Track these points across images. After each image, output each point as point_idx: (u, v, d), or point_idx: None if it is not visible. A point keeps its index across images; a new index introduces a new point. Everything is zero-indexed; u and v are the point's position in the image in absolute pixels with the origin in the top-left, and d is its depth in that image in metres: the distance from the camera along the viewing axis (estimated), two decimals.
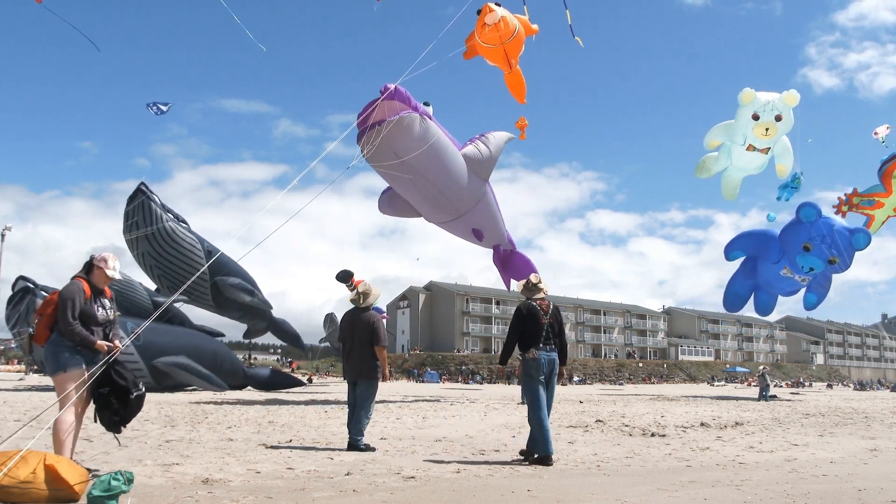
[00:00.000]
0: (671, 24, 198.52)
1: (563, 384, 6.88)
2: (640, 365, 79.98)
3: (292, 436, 8.54)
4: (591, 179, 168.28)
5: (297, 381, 28.10)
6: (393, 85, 12.04)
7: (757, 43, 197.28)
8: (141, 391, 5.07)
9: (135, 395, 4.99)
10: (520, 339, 6.56)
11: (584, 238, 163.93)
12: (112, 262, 5.17)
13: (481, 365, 66.65)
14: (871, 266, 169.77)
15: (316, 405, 15.38)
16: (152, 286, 23.61)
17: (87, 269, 5.18)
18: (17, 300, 20.75)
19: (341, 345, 7.66)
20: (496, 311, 79.76)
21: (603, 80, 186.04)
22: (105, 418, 5.01)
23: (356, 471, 5.60)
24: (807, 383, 73.82)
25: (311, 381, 38.57)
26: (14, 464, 3.88)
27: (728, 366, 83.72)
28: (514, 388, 39.07)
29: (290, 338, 30.01)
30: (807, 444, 8.61)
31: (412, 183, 14.24)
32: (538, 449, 6.33)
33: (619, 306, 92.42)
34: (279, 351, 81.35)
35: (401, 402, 17.67)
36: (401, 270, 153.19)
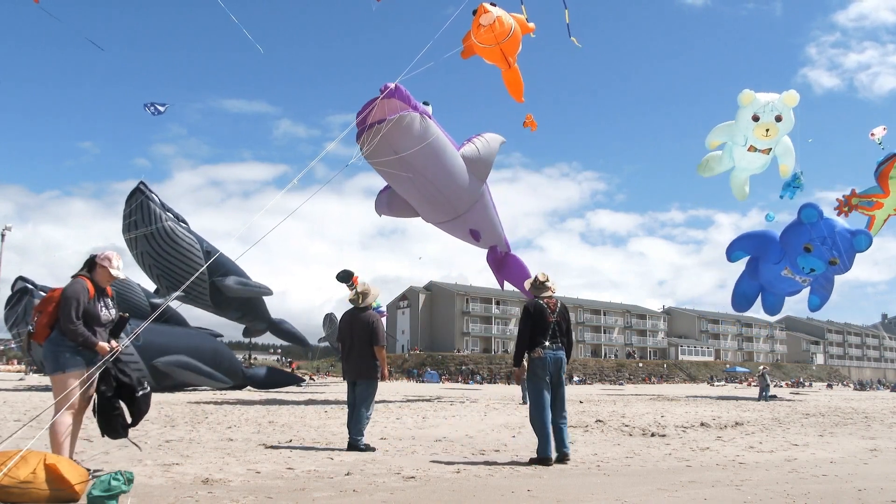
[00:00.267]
0: (671, 24, 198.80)
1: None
2: (640, 365, 79.97)
3: (292, 436, 8.54)
4: (592, 179, 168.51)
5: (294, 379, 28.05)
6: (393, 84, 12.03)
7: (757, 43, 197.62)
8: (146, 390, 4.98)
9: (140, 394, 4.89)
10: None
11: (585, 238, 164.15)
12: (116, 261, 5.07)
13: (481, 365, 66.64)
14: (871, 266, 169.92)
15: (316, 405, 15.38)
16: (151, 286, 23.64)
17: (90, 267, 5.05)
18: (16, 301, 20.78)
19: (340, 345, 7.66)
20: (496, 311, 79.83)
21: (603, 80, 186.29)
22: (112, 425, 4.83)
23: (356, 471, 5.60)
24: (807, 383, 73.78)
25: (312, 379, 38.64)
26: (14, 464, 3.88)
27: (728, 366, 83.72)
28: (514, 388, 39.06)
29: (290, 336, 29.95)
30: (807, 444, 8.61)
31: (411, 182, 14.24)
32: (539, 449, 6.29)
33: (619, 306, 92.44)
34: (279, 351, 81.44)
35: (401, 402, 17.67)
36: (401, 270, 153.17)
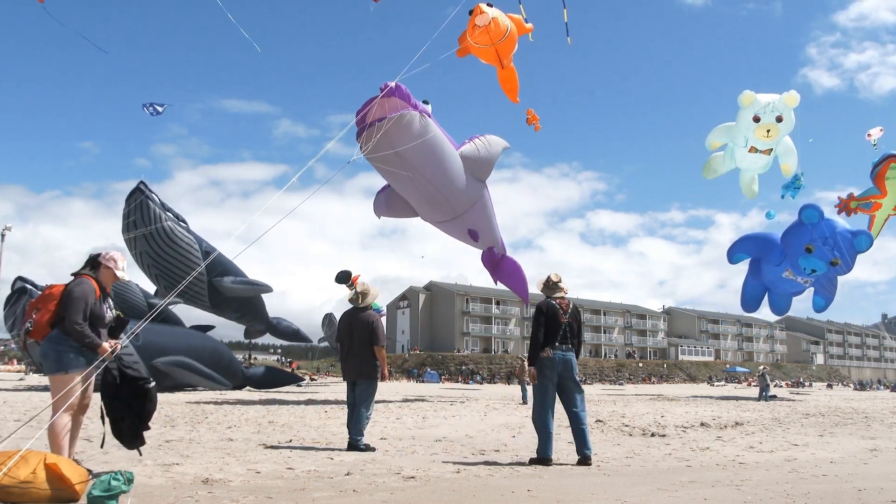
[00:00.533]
0: (671, 24, 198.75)
1: None
2: (640, 365, 79.97)
3: (292, 436, 8.54)
4: (592, 179, 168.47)
5: (293, 378, 27.94)
6: (393, 82, 12.02)
7: (757, 43, 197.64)
8: (152, 383, 4.93)
9: (151, 386, 4.83)
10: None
11: (585, 238, 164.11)
12: (121, 262, 5.01)
13: (481, 365, 66.64)
14: (871, 266, 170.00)
15: (316, 405, 15.38)
16: (149, 286, 23.65)
17: (93, 266, 4.96)
18: (14, 300, 20.79)
19: (339, 345, 7.65)
20: (496, 311, 79.81)
21: (603, 80, 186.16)
22: (127, 430, 4.76)
23: (356, 471, 5.59)
24: (807, 383, 73.74)
25: (313, 379, 38.62)
26: (14, 464, 3.88)
27: (728, 366, 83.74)
28: (514, 388, 39.07)
29: (290, 334, 29.83)
30: (807, 444, 8.61)
31: (410, 180, 14.21)
32: (539, 449, 6.27)
33: (619, 306, 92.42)
34: (279, 351, 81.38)
35: (401, 402, 17.68)
36: (401, 270, 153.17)
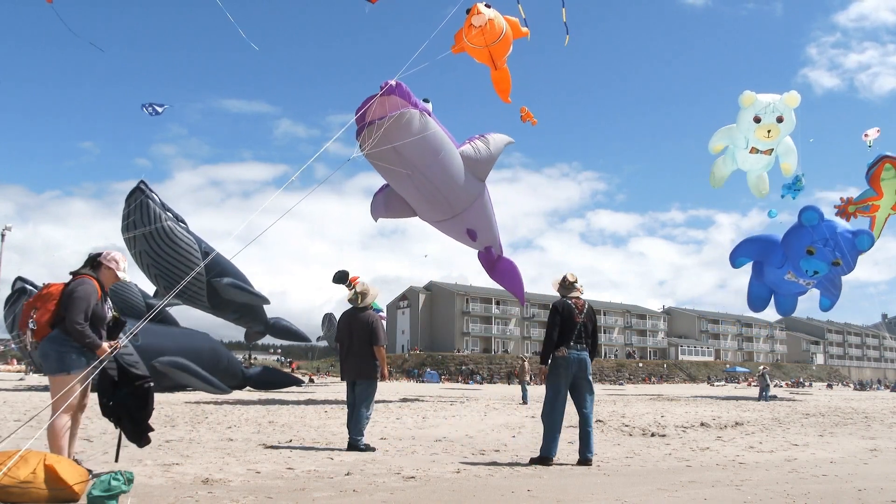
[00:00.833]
0: (671, 24, 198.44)
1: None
2: (640, 365, 79.98)
3: (292, 436, 8.54)
4: (592, 179, 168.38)
5: (291, 380, 27.05)
6: (393, 80, 11.99)
7: (757, 43, 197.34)
8: (152, 383, 4.97)
9: (150, 386, 4.88)
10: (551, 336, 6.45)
11: (585, 238, 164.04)
12: (122, 263, 4.99)
13: (481, 365, 66.64)
14: (871, 266, 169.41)
15: (316, 405, 15.38)
16: (149, 285, 23.63)
17: (94, 266, 4.93)
18: (14, 300, 20.79)
19: (339, 345, 7.64)
20: (496, 311, 79.81)
21: (603, 80, 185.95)
22: (128, 429, 4.81)
23: (356, 471, 5.59)
24: (807, 383, 73.73)
25: (311, 380, 38.58)
26: (14, 464, 3.88)
27: (728, 366, 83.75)
28: (515, 388, 39.07)
29: (289, 334, 29.70)
30: (807, 444, 8.61)
31: (409, 179, 14.16)
32: (543, 448, 6.27)
33: (620, 306, 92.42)
34: (279, 351, 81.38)
35: (401, 402, 17.68)
36: (401, 270, 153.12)
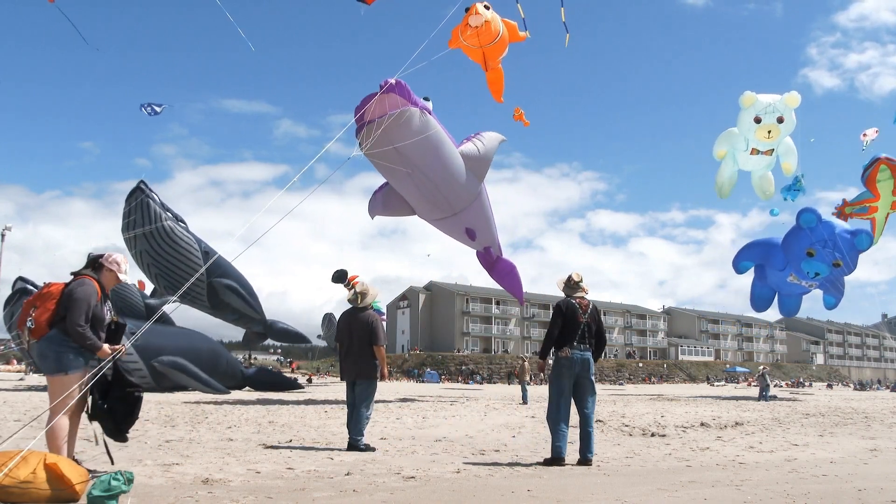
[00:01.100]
0: (671, 24, 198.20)
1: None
2: (640, 365, 79.93)
3: (292, 436, 8.55)
4: (592, 179, 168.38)
5: (288, 383, 25.45)
6: (393, 79, 11.99)
7: (758, 43, 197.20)
8: (142, 391, 4.99)
9: (137, 395, 4.88)
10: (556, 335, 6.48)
11: (585, 238, 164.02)
12: (124, 265, 4.97)
13: (481, 365, 66.63)
14: (871, 266, 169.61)
15: (316, 405, 15.38)
16: (149, 285, 23.63)
17: (95, 267, 4.91)
18: (15, 300, 20.79)
19: (339, 345, 7.64)
20: (496, 311, 79.80)
21: (603, 80, 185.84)
22: (108, 428, 4.84)
23: (356, 471, 5.60)
24: (807, 383, 73.71)
25: (310, 381, 38.57)
26: (14, 464, 3.88)
27: (728, 366, 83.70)
28: (515, 388, 39.07)
29: (287, 335, 29.58)
30: (807, 444, 8.61)
31: (409, 177, 14.14)
32: (553, 449, 6.24)
33: (620, 306, 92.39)
34: (279, 351, 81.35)
35: (401, 402, 17.68)
36: (401, 270, 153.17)
